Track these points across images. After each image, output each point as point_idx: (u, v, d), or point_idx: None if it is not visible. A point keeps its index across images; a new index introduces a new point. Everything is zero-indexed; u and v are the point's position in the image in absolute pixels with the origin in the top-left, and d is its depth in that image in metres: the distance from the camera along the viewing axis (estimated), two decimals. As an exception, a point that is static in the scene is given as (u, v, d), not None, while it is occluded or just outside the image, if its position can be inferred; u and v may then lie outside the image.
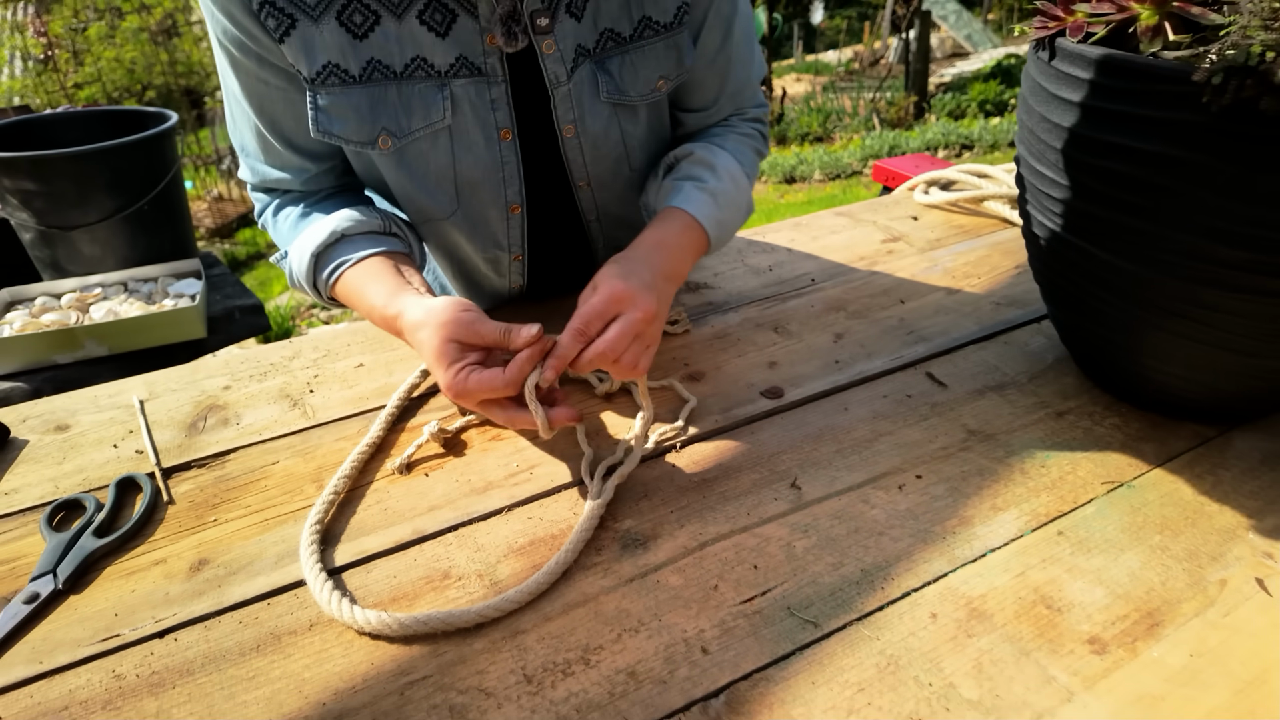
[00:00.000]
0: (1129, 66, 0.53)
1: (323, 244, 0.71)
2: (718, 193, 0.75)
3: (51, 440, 0.72)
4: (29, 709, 0.47)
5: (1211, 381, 0.62)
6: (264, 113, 0.70)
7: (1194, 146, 0.51)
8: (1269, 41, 0.46)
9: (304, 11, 0.63)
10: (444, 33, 0.67)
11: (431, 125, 0.70)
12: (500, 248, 0.82)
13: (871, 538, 0.58)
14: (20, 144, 1.35)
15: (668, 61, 0.75)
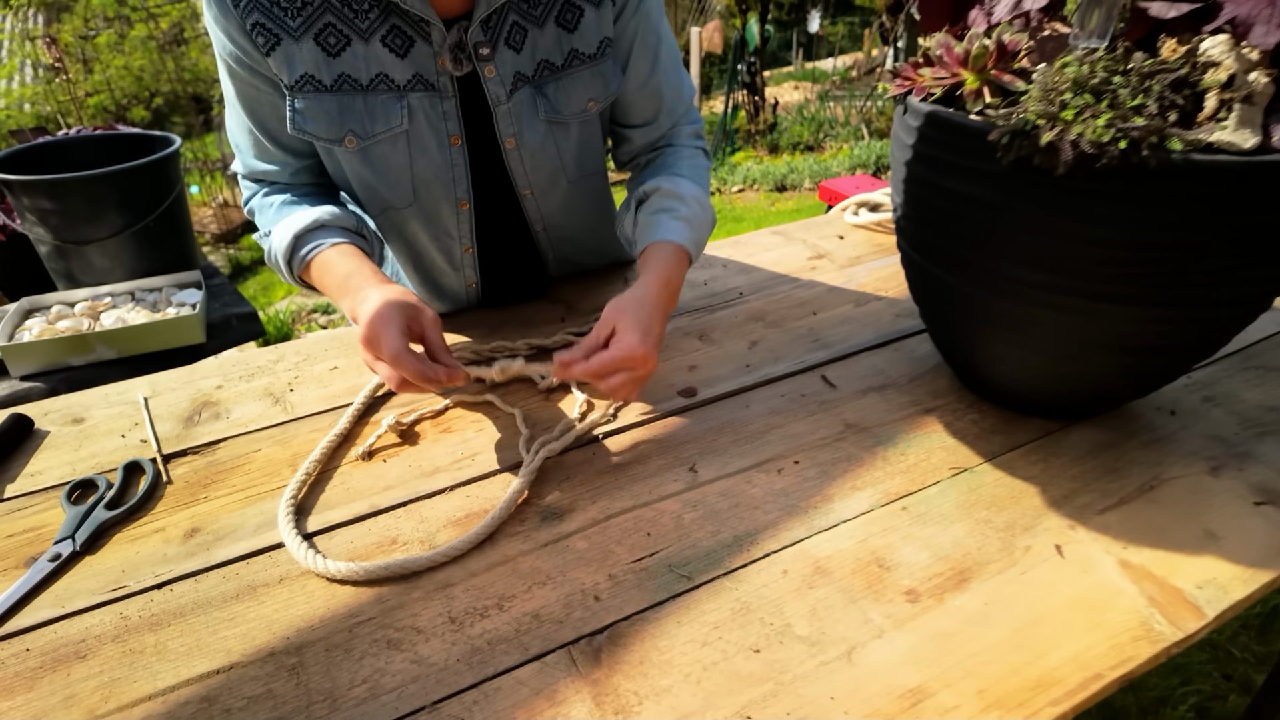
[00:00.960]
0: (949, 123, 0.65)
1: (305, 227, 0.83)
2: (690, 218, 0.87)
3: (69, 431, 0.84)
4: (53, 642, 0.59)
5: (1040, 384, 0.74)
6: (254, 114, 0.84)
7: (996, 190, 0.62)
8: (1038, 111, 0.58)
9: (287, 32, 0.77)
10: (403, 54, 0.80)
11: (391, 130, 0.83)
12: (451, 238, 0.95)
13: (748, 511, 0.69)
14: (37, 165, 1.48)
15: (595, 86, 0.89)
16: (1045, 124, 0.57)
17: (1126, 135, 0.54)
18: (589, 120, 0.92)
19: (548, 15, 0.84)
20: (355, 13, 0.78)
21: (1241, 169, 0.54)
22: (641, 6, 0.88)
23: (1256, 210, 0.56)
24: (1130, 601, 0.59)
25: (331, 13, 0.77)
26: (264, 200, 0.89)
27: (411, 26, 0.79)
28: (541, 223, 0.99)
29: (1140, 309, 0.62)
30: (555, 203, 0.97)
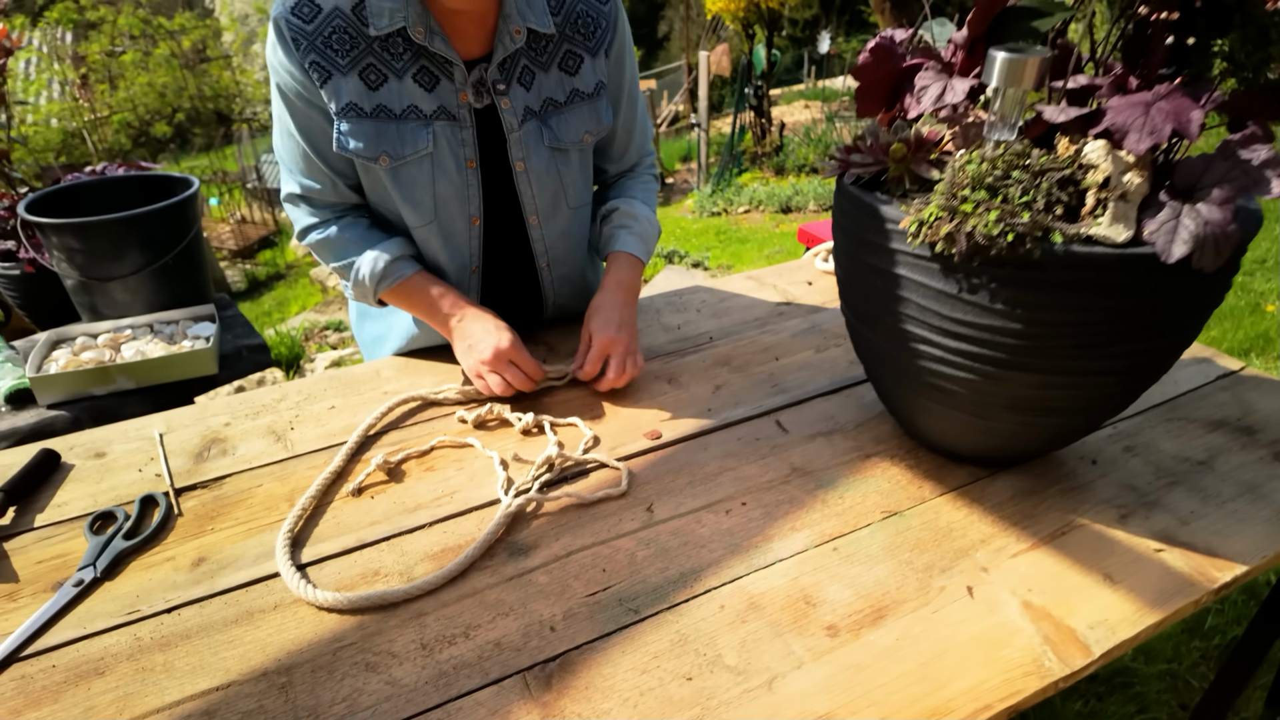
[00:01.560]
0: (870, 207, 0.73)
1: (395, 256, 1.02)
2: (641, 232, 1.11)
3: (92, 464, 0.93)
4: (75, 659, 0.68)
5: (964, 436, 0.81)
6: (307, 137, 0.97)
7: (910, 267, 0.70)
8: (941, 205, 0.66)
9: (337, 69, 0.92)
10: (430, 89, 0.95)
11: (418, 152, 0.96)
12: (462, 257, 1.06)
13: (695, 549, 0.77)
14: (66, 205, 1.58)
15: (591, 120, 1.04)
16: (946, 216, 0.65)
17: (1013, 229, 0.62)
18: (585, 150, 1.07)
19: (552, 61, 1.00)
20: (392, 55, 0.93)
21: (1114, 260, 0.62)
22: (624, 61, 1.06)
23: (1130, 294, 0.63)
24: (1027, 639, 0.66)
25: (373, 55, 0.92)
26: (338, 235, 1.02)
27: (438, 67, 0.94)
28: (546, 255, 1.11)
29: (1039, 376, 0.69)
30: (557, 230, 1.09)
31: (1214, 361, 1.04)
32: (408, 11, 0.90)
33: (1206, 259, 0.61)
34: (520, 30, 0.95)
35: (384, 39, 0.92)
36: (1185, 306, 0.66)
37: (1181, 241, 0.61)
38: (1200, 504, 0.80)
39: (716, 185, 6.45)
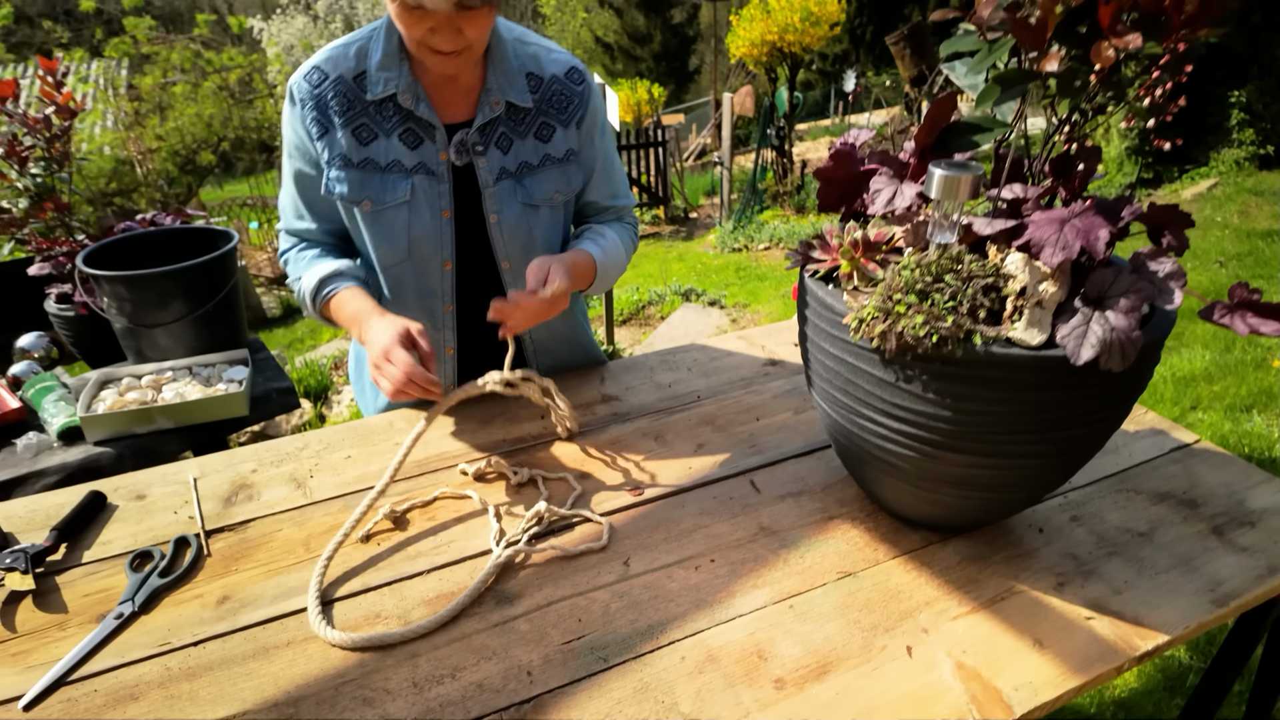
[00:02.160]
0: (822, 300, 0.81)
1: (328, 274, 1.11)
2: (605, 246, 1.19)
3: (133, 506, 1.04)
4: (114, 685, 0.77)
5: (913, 505, 0.89)
6: (300, 186, 1.12)
7: (854, 356, 0.79)
8: (877, 306, 0.74)
9: (333, 125, 1.06)
10: (413, 147, 1.08)
11: (398, 200, 1.09)
12: (435, 295, 1.17)
13: (664, 603, 0.85)
14: (118, 253, 1.73)
15: (561, 182, 1.16)
16: (881, 316, 0.73)
17: (937, 332, 0.70)
18: (555, 208, 1.18)
19: (529, 130, 1.13)
20: (384, 116, 1.07)
21: (1028, 361, 0.69)
22: (595, 132, 1.18)
23: (1046, 390, 0.71)
24: (955, 698, 0.73)
25: (366, 115, 1.07)
26: (298, 255, 1.16)
27: (422, 129, 1.08)
28: None
29: (971, 457, 0.77)
30: None
31: (1169, 434, 1.10)
32: (399, 81, 1.05)
33: (1113, 361, 0.69)
34: (500, 102, 1.09)
35: (378, 103, 1.06)
36: (1100, 401, 0.73)
37: (1089, 346, 0.68)
38: (1135, 574, 0.86)
39: (738, 222, 6.57)
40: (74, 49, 12.50)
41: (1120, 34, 0.65)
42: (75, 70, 11.36)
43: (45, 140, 1.83)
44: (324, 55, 1.07)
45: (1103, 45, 0.65)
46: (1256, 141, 5.34)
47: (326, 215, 1.14)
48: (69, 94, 1.84)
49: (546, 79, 1.12)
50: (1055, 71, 0.67)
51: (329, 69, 1.06)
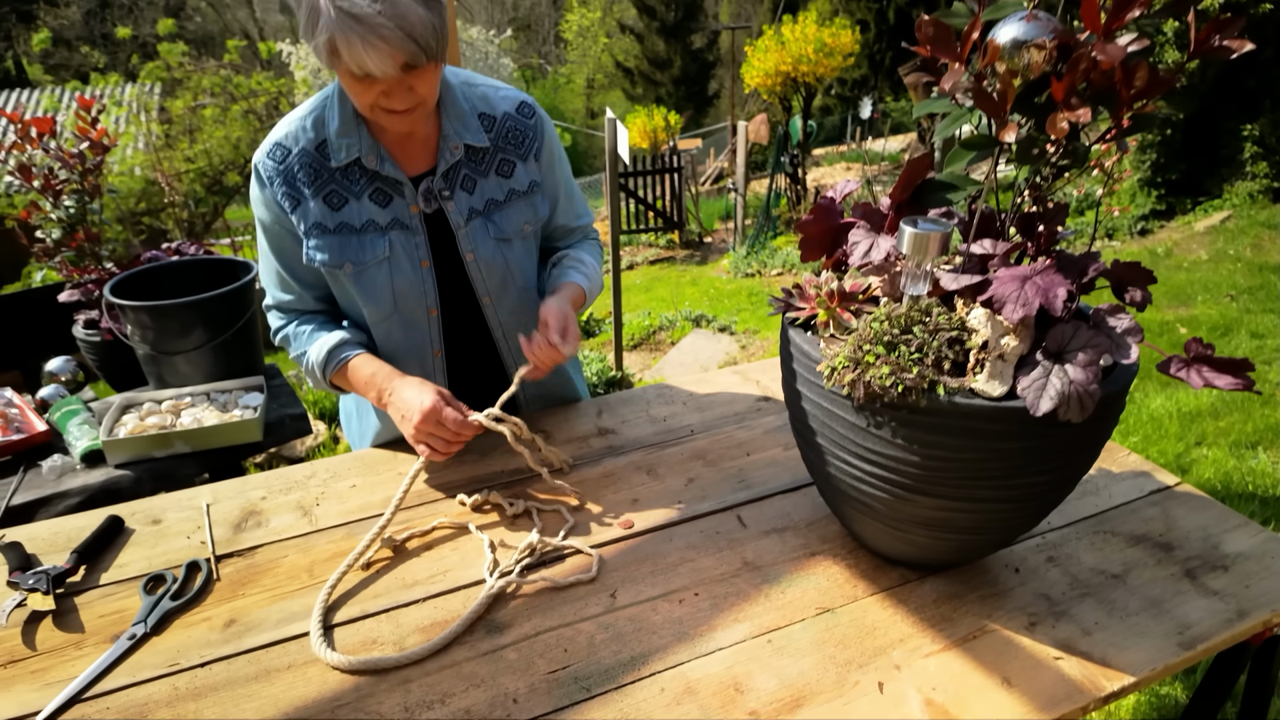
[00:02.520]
0: (799, 347, 0.85)
1: (337, 343, 1.16)
2: (588, 274, 1.27)
3: (149, 530, 1.09)
4: (125, 704, 0.82)
5: (889, 544, 0.92)
6: (280, 258, 1.17)
7: (828, 401, 0.82)
8: (848, 355, 0.78)
9: (304, 197, 1.10)
10: (384, 205, 1.13)
11: (378, 258, 1.13)
12: (424, 343, 1.22)
13: (648, 635, 0.88)
14: (143, 282, 1.81)
15: (528, 213, 1.21)
16: (851, 365, 0.77)
17: (902, 382, 0.74)
18: (526, 238, 1.23)
19: (490, 168, 1.18)
20: (351, 180, 1.11)
21: (989, 411, 0.73)
22: (553, 162, 1.24)
23: (1008, 439, 0.74)
24: (922, 734, 0.76)
25: (334, 182, 1.11)
26: (295, 330, 1.20)
27: (390, 187, 1.12)
28: (501, 330, 1.26)
29: (939, 500, 0.80)
30: (508, 307, 1.25)
31: (1151, 476, 1.12)
32: (360, 144, 1.09)
33: (1072, 413, 0.72)
34: (458, 146, 1.13)
35: (344, 169, 1.10)
36: (1062, 450, 0.77)
37: (1048, 398, 0.72)
38: (1105, 616, 0.89)
39: (751, 247, 6.63)
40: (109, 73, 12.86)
41: (1073, 107, 0.69)
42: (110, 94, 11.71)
43: (79, 174, 1.92)
44: (283, 131, 1.11)
45: (1057, 117, 0.70)
46: (1270, 175, 5.32)
47: (312, 283, 1.19)
48: (102, 130, 1.94)
49: (499, 117, 1.17)
50: (1013, 140, 0.71)
51: (290, 144, 1.10)
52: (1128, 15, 0.65)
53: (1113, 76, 0.68)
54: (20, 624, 0.93)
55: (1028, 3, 0.75)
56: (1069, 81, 0.69)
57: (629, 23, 33.23)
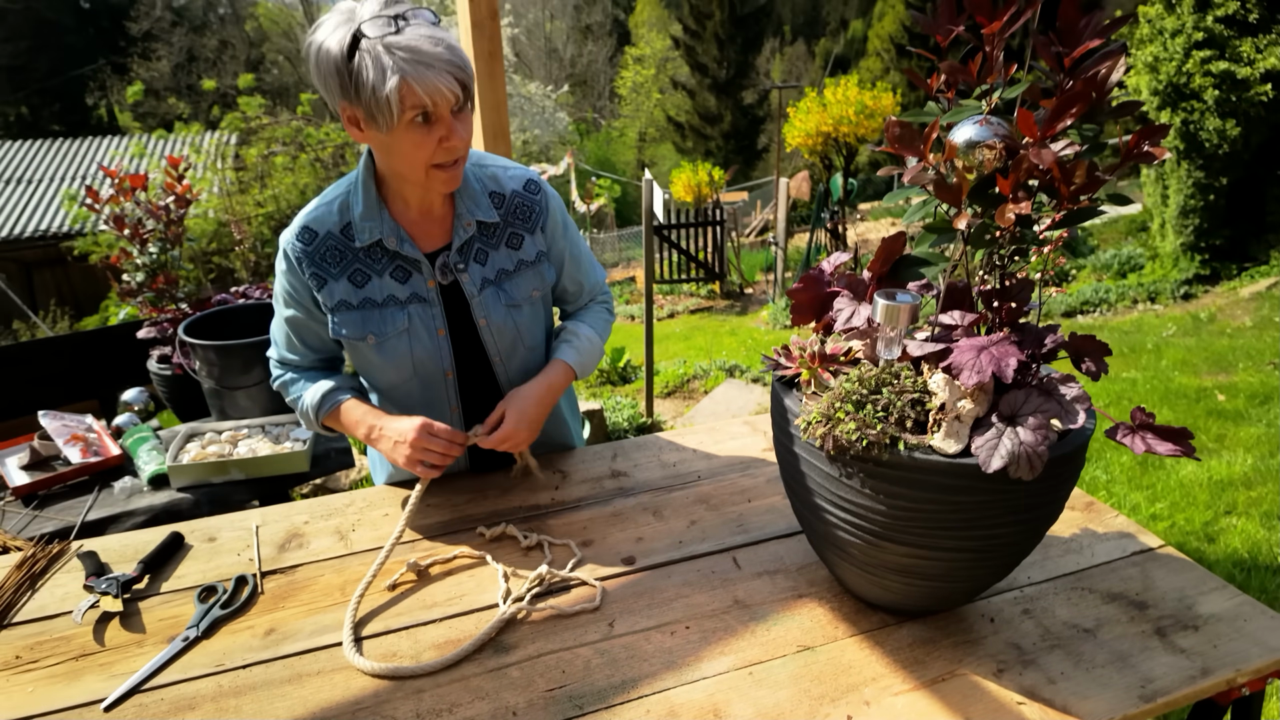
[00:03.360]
0: (783, 402, 0.95)
1: (329, 389, 1.28)
2: (579, 347, 1.36)
3: (205, 546, 1.22)
4: (176, 696, 0.93)
5: (868, 589, 0.99)
6: (295, 328, 1.29)
7: (806, 453, 0.91)
8: (821, 411, 0.87)
9: (331, 276, 1.22)
10: (404, 281, 1.25)
11: (398, 330, 1.25)
12: (442, 401, 1.33)
13: (640, 662, 0.97)
14: (212, 324, 1.99)
15: (536, 280, 1.32)
16: (823, 421, 0.86)
17: (865, 437, 0.83)
18: (535, 303, 1.34)
19: (500, 241, 1.29)
20: (373, 259, 1.23)
21: (944, 466, 0.81)
22: (559, 232, 1.34)
23: (964, 492, 0.82)
24: (883, 765, 0.82)
25: (359, 261, 1.23)
26: (292, 378, 1.33)
27: (408, 264, 1.25)
28: (509, 385, 1.36)
29: (907, 548, 0.88)
30: (517, 366, 1.35)
31: (1135, 538, 1.17)
32: (382, 228, 1.21)
33: (1022, 471, 0.79)
34: (471, 223, 1.25)
35: (366, 249, 1.22)
36: (1017, 505, 0.84)
37: (999, 457, 0.80)
38: (1072, 667, 0.94)
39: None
40: (192, 123, 13.78)
41: (1019, 200, 0.78)
42: (190, 142, 12.51)
43: (164, 224, 2.14)
44: (310, 215, 1.22)
45: (1005, 208, 0.79)
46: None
47: (317, 349, 1.31)
48: (186, 185, 2.16)
49: (508, 194, 1.28)
50: (965, 227, 0.81)
51: (318, 228, 1.21)
52: (1059, 125, 0.75)
53: (1051, 175, 0.77)
54: (92, 623, 1.06)
55: (986, 107, 0.85)
56: (1013, 179, 0.78)
57: (682, 79, 34.21)
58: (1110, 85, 0.81)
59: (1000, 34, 0.77)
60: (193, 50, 27.57)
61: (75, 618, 1.05)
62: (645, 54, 35.86)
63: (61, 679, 0.97)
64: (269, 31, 31.88)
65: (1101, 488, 2.79)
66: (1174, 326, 5.09)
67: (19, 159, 14.36)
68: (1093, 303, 5.91)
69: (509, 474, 1.37)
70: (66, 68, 30.26)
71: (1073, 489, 0.91)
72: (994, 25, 0.76)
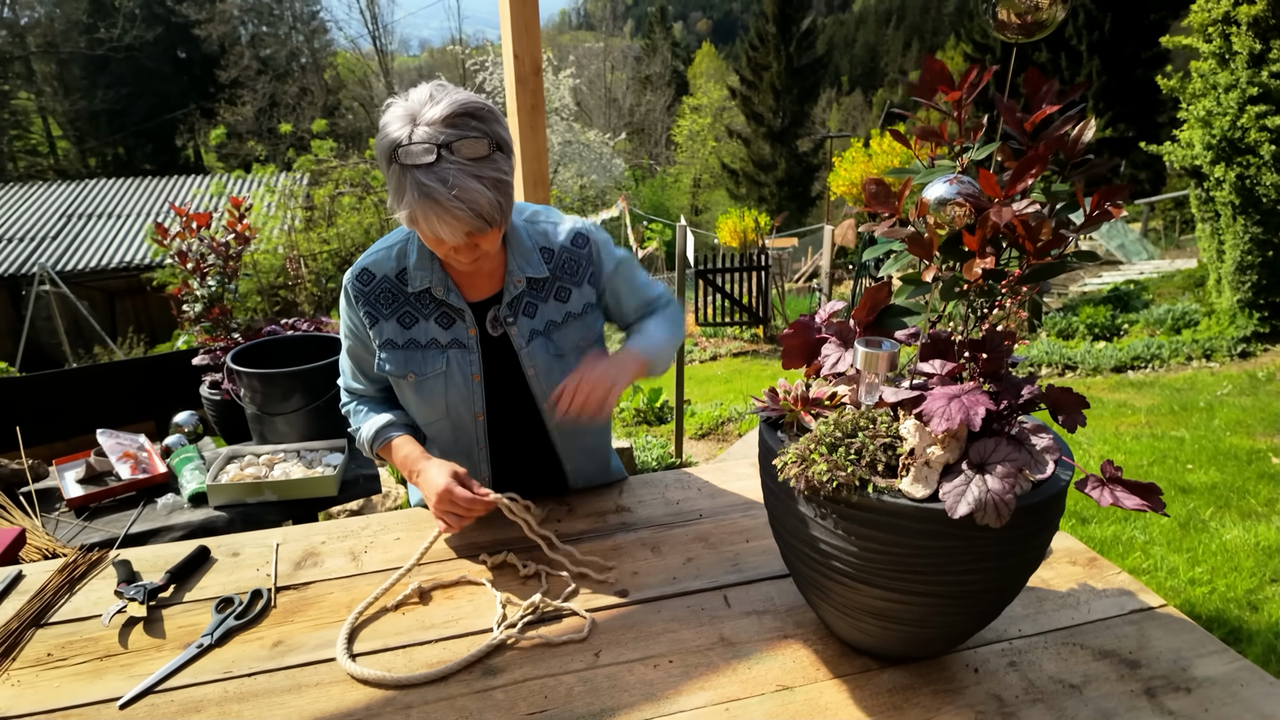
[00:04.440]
0: (765, 443, 0.98)
1: (385, 424, 1.38)
2: (645, 339, 1.40)
3: (229, 560, 1.30)
4: (185, 699, 1.00)
5: (847, 633, 1.00)
6: (355, 359, 1.39)
7: (784, 493, 0.94)
8: (797, 452, 0.90)
9: (382, 316, 1.32)
10: (447, 327, 1.33)
11: (436, 371, 1.33)
12: (470, 440, 1.40)
13: (620, 693, 0.99)
14: (261, 353, 2.12)
15: (583, 331, 1.39)
16: (796, 461, 0.89)
17: (835, 479, 0.85)
18: (582, 351, 1.40)
19: (549, 294, 1.36)
20: (422, 304, 1.33)
21: (911, 510, 0.83)
22: (611, 272, 1.40)
23: (931, 537, 0.84)
24: (847, 808, 0.83)
25: (409, 305, 1.32)
26: (356, 408, 1.43)
27: (453, 312, 1.33)
28: (555, 430, 1.41)
29: (879, 590, 0.89)
30: None
31: (1135, 596, 1.15)
32: (432, 277, 1.30)
33: (989, 518, 0.81)
34: (521, 280, 1.32)
35: (417, 294, 1.32)
36: (986, 553, 0.85)
37: (965, 503, 0.81)
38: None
39: (835, 346, 6.67)
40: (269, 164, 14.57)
41: (985, 255, 0.82)
42: (265, 182, 13.23)
43: (223, 260, 2.30)
44: (370, 259, 1.32)
45: (972, 263, 0.82)
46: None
47: (376, 380, 1.41)
48: (245, 224, 2.32)
49: (557, 250, 1.36)
50: (933, 280, 0.84)
51: (375, 270, 1.32)
52: (1020, 185, 0.78)
53: (1016, 232, 0.80)
54: (119, 626, 1.14)
55: (958, 167, 0.89)
56: (980, 235, 0.81)
57: (737, 128, 34.74)
58: (1081, 145, 0.84)
59: (960, 102, 0.81)
60: (275, 96, 29.34)
61: (104, 620, 1.14)
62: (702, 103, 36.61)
63: (85, 676, 1.04)
64: (345, 79, 33.71)
65: (1138, 548, 2.68)
66: (1229, 385, 4.88)
67: (111, 195, 15.42)
68: (1144, 358, 5.71)
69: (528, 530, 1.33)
70: (160, 112, 32.52)
71: (1050, 539, 0.91)
72: (954, 94, 0.80)
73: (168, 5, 34.17)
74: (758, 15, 34.90)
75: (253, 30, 33.50)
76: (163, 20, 34.90)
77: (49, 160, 33.42)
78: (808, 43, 33.51)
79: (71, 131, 34.13)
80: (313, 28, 34.09)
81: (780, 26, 32.18)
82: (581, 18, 77.18)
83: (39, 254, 13.17)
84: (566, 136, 20.41)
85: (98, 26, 32.97)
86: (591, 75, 36.98)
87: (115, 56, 32.87)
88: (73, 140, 34.17)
